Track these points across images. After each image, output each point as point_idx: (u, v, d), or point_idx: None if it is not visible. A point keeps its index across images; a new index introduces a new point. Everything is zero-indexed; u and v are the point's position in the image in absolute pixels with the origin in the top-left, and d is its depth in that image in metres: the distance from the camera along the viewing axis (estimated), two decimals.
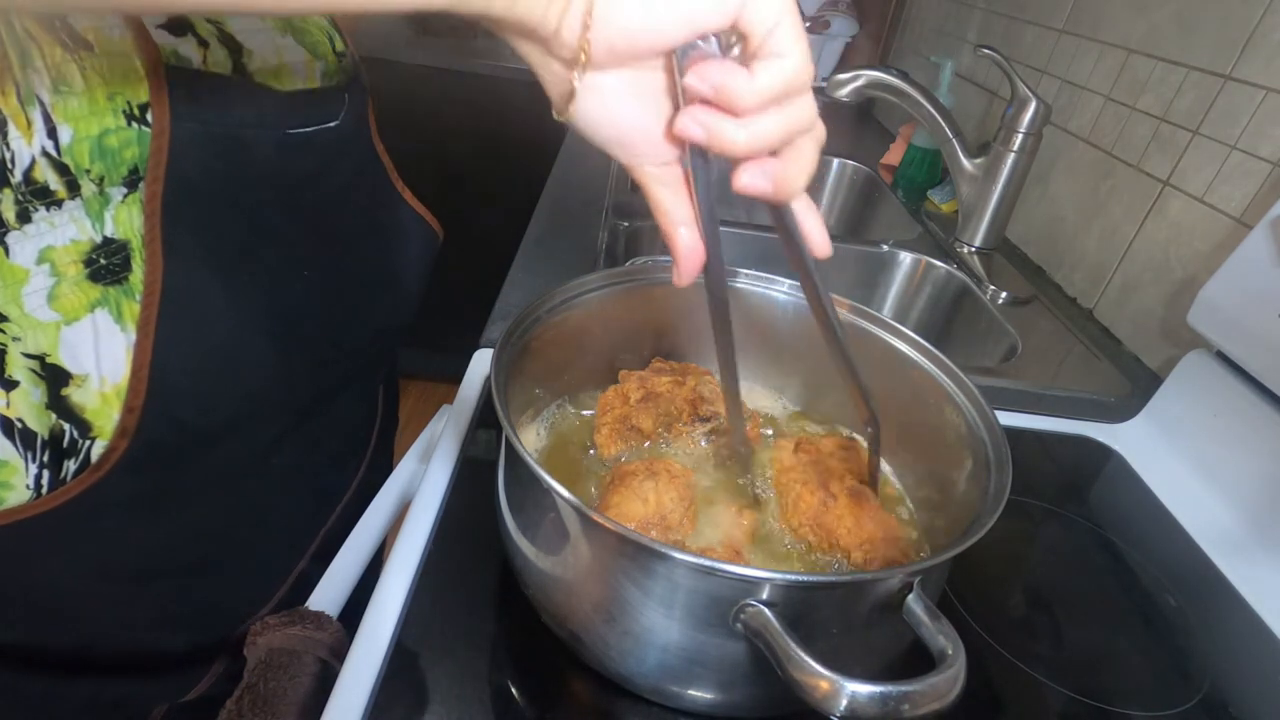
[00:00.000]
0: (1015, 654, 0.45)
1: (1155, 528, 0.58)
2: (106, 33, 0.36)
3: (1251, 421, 0.58)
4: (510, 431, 0.34)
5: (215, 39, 0.41)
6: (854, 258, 0.98)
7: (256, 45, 0.44)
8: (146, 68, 0.38)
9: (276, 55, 0.45)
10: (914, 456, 0.48)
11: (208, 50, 0.41)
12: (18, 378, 0.37)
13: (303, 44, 0.47)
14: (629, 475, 0.42)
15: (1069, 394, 0.71)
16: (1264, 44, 0.67)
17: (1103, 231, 0.86)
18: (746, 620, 0.30)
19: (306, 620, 0.45)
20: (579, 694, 0.39)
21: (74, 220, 0.37)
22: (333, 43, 0.50)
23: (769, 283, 0.52)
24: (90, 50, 0.36)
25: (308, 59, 0.47)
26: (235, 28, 0.43)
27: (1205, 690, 0.45)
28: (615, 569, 0.33)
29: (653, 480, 0.41)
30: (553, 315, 0.46)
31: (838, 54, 1.83)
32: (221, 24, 0.42)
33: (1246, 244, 0.60)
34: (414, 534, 0.46)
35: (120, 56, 0.37)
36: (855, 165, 1.32)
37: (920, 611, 0.31)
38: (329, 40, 0.49)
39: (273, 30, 0.45)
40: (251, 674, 0.42)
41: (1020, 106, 0.88)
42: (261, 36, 0.44)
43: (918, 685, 0.27)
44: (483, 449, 0.54)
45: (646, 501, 0.40)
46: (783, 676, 0.28)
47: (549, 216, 0.92)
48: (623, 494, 0.41)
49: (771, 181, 0.31)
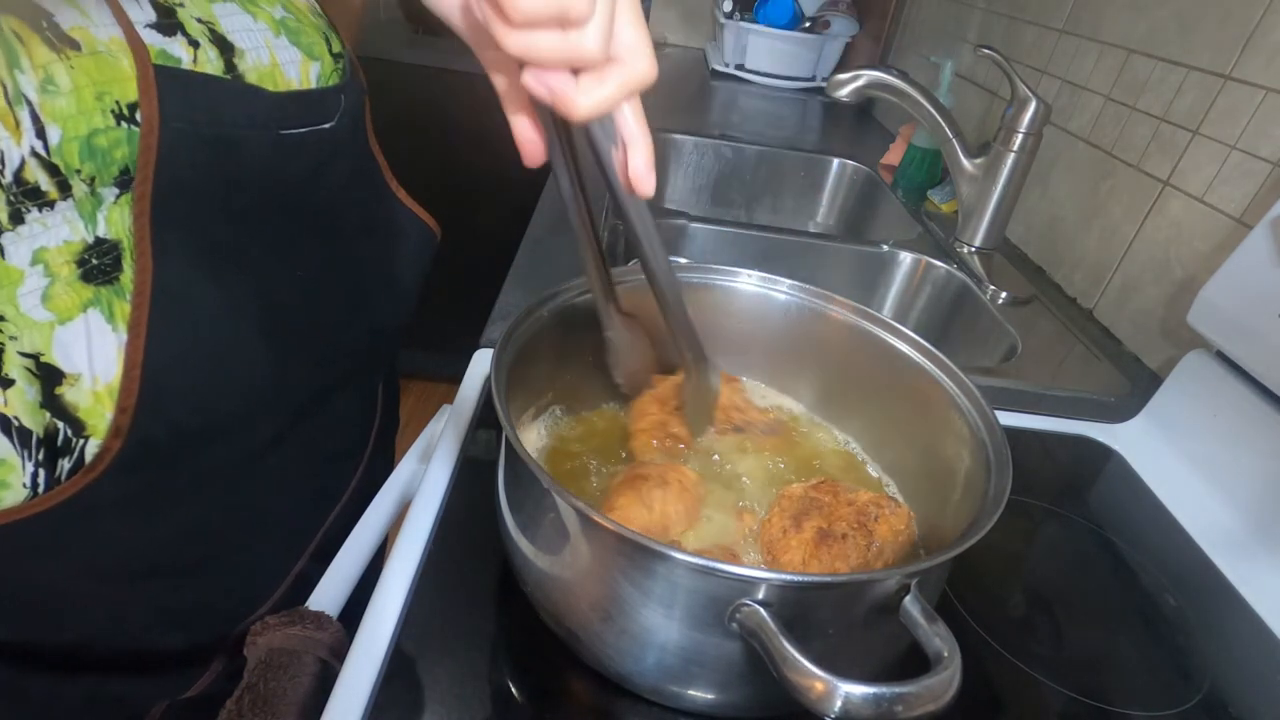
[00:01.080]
0: (1015, 654, 0.45)
1: (1155, 528, 0.58)
2: (93, 31, 0.36)
3: (1251, 421, 0.58)
4: (510, 431, 0.34)
5: (207, 39, 0.41)
6: (854, 258, 0.98)
7: (249, 45, 0.44)
8: (135, 67, 0.37)
9: (270, 55, 0.45)
10: (914, 457, 0.48)
11: (198, 50, 0.41)
12: (14, 376, 0.37)
13: (298, 44, 0.47)
14: (640, 479, 0.42)
15: (1069, 394, 0.71)
16: (1264, 44, 0.67)
17: (1103, 231, 0.86)
18: (742, 620, 0.30)
19: (306, 620, 0.45)
20: (579, 694, 0.39)
21: (67, 221, 0.37)
22: (329, 43, 0.50)
23: (770, 283, 0.52)
24: (77, 49, 0.36)
25: (303, 60, 0.47)
26: (227, 28, 0.43)
27: (1205, 690, 0.45)
28: (612, 568, 0.33)
29: (663, 489, 0.41)
30: (553, 315, 0.46)
31: (838, 54, 1.83)
32: (213, 24, 0.42)
33: (1246, 244, 0.60)
34: (414, 534, 0.46)
35: (107, 56, 0.37)
36: (855, 165, 1.32)
37: (917, 613, 0.31)
38: (325, 41, 0.49)
39: (266, 30, 0.45)
40: (251, 674, 0.42)
41: (1020, 106, 0.88)
42: (254, 36, 0.44)
43: (912, 687, 0.27)
44: (483, 449, 0.54)
45: (651, 509, 0.40)
46: (777, 677, 0.28)
47: (549, 216, 0.92)
48: (629, 497, 0.41)
49: (549, 90, 0.30)
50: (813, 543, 0.40)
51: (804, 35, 1.77)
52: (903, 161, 1.23)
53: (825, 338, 0.52)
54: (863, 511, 0.41)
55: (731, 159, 1.34)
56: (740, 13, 1.78)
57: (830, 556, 0.39)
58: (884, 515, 0.42)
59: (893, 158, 1.28)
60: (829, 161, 1.35)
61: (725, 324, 0.53)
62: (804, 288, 0.52)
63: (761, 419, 0.51)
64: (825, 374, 0.53)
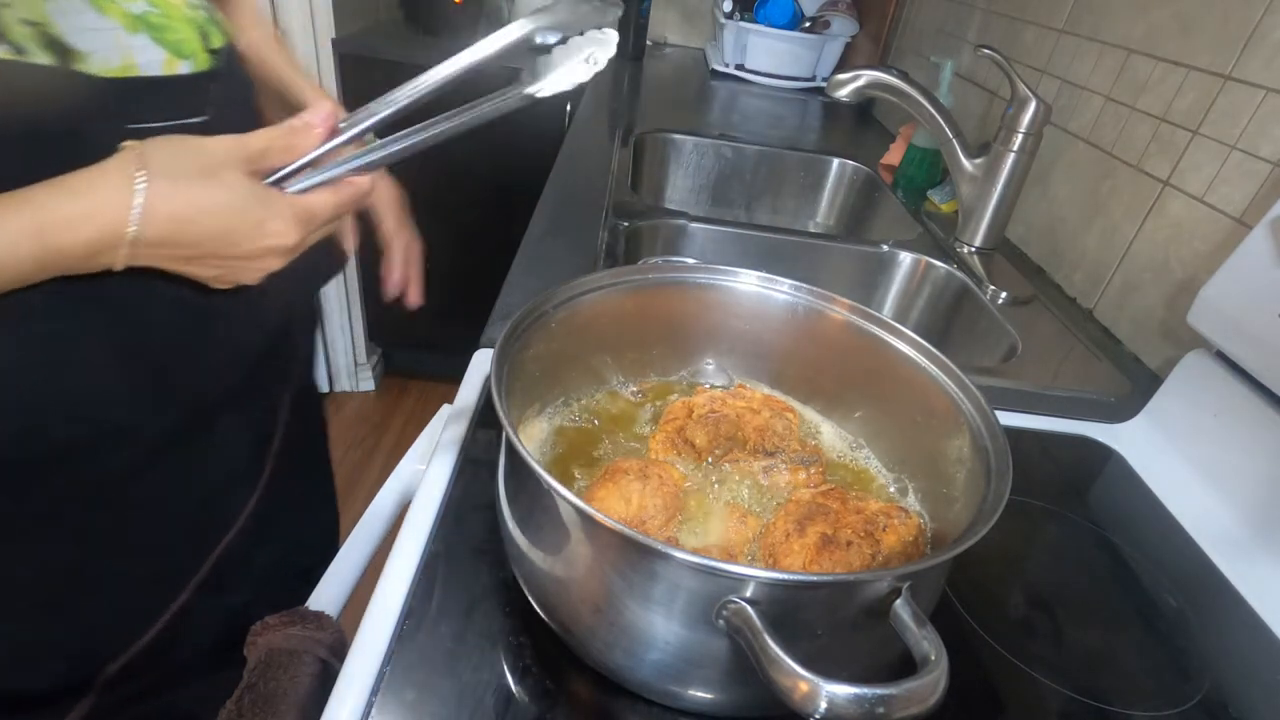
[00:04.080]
0: (1015, 654, 0.45)
1: (1155, 528, 0.58)
2: None
3: (1251, 421, 0.58)
4: (510, 431, 0.34)
5: (36, 43, 0.37)
6: (854, 258, 0.98)
7: (94, 47, 0.40)
8: None
9: (122, 56, 0.41)
10: (914, 458, 0.48)
11: (25, 57, 0.37)
12: None
13: (162, 42, 0.42)
14: (620, 472, 0.42)
15: (1069, 394, 0.71)
16: (1264, 44, 0.67)
17: (1103, 231, 0.86)
18: (729, 617, 0.30)
19: (306, 620, 0.45)
20: (579, 693, 0.39)
21: None
22: (207, 38, 0.45)
23: (770, 283, 0.52)
24: None
25: (168, 59, 0.43)
26: (64, 28, 0.38)
27: (1205, 690, 0.45)
28: (604, 562, 0.34)
29: (641, 482, 0.41)
30: (553, 315, 0.46)
31: (838, 54, 1.83)
32: (45, 25, 0.38)
33: (1246, 244, 0.60)
34: (414, 534, 0.46)
35: None
36: (855, 165, 1.32)
37: (907, 617, 0.31)
38: (201, 36, 0.44)
39: (118, 28, 0.41)
40: (251, 674, 0.42)
41: (1020, 106, 0.88)
42: (102, 37, 0.40)
43: (896, 689, 0.27)
44: (483, 449, 0.54)
45: (629, 502, 0.40)
46: (761, 676, 0.28)
47: (549, 216, 0.92)
48: (608, 489, 0.41)
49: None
50: (814, 548, 0.39)
51: (804, 35, 1.77)
52: (903, 161, 1.23)
53: (825, 338, 0.52)
54: (870, 520, 0.41)
55: (731, 159, 1.34)
56: (740, 13, 1.78)
57: (831, 563, 0.39)
58: (892, 525, 0.41)
59: (893, 158, 1.28)
60: (829, 161, 1.35)
61: (725, 324, 0.53)
62: (804, 288, 0.52)
63: (799, 449, 0.49)
64: (825, 374, 0.53)
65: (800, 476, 0.47)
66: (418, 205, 0.70)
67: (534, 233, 0.87)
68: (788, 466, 0.47)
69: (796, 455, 0.49)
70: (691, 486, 0.45)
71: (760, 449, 0.48)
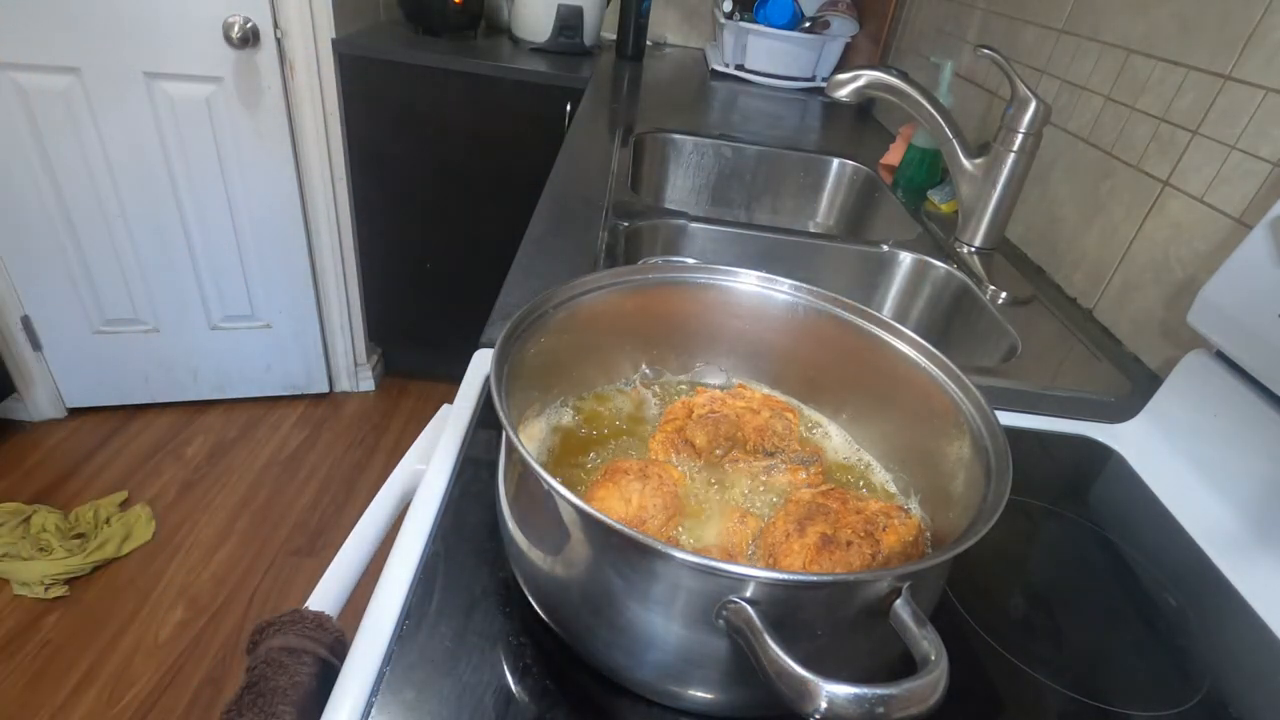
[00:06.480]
0: (1015, 654, 0.45)
1: (1155, 528, 0.58)
2: None
3: (1251, 421, 0.58)
4: (510, 431, 0.34)
5: None
6: (854, 258, 0.98)
7: None
8: None
9: None
10: (914, 458, 0.48)
11: None
12: None
13: None
14: (620, 472, 0.42)
15: (1069, 394, 0.71)
16: (1264, 44, 0.67)
17: (1103, 231, 0.86)
18: (729, 617, 0.30)
19: (306, 620, 0.45)
20: (579, 693, 0.39)
21: None
22: None
23: (769, 283, 0.52)
24: None
25: None
26: None
27: (1205, 690, 0.45)
28: (607, 564, 0.34)
29: (641, 482, 0.41)
30: (553, 315, 0.46)
31: (838, 54, 1.83)
32: None
33: (1246, 244, 0.60)
34: (414, 534, 0.46)
35: None
36: (855, 165, 1.32)
37: (907, 617, 0.31)
38: None
39: None
40: (251, 673, 0.42)
41: (1020, 106, 0.88)
42: None
43: (896, 689, 0.27)
44: (483, 449, 0.54)
45: (629, 502, 0.40)
46: (761, 675, 0.28)
47: (549, 216, 0.92)
48: (608, 489, 0.41)
49: None
50: (814, 548, 0.39)
51: (804, 35, 1.77)
52: (903, 161, 1.23)
53: (825, 338, 0.52)
54: (870, 520, 0.41)
55: (731, 159, 1.34)
56: (740, 13, 1.78)
57: (831, 563, 0.39)
58: (892, 525, 0.41)
59: (893, 158, 1.28)
60: (829, 161, 1.35)
61: (725, 324, 0.53)
62: (804, 288, 0.52)
63: (799, 450, 0.49)
64: (825, 374, 0.53)
65: (800, 476, 0.47)
66: (418, 205, 0.70)
67: (534, 233, 0.87)
68: (787, 466, 0.47)
69: (796, 455, 0.49)
70: (691, 486, 0.45)
71: (760, 449, 0.48)
